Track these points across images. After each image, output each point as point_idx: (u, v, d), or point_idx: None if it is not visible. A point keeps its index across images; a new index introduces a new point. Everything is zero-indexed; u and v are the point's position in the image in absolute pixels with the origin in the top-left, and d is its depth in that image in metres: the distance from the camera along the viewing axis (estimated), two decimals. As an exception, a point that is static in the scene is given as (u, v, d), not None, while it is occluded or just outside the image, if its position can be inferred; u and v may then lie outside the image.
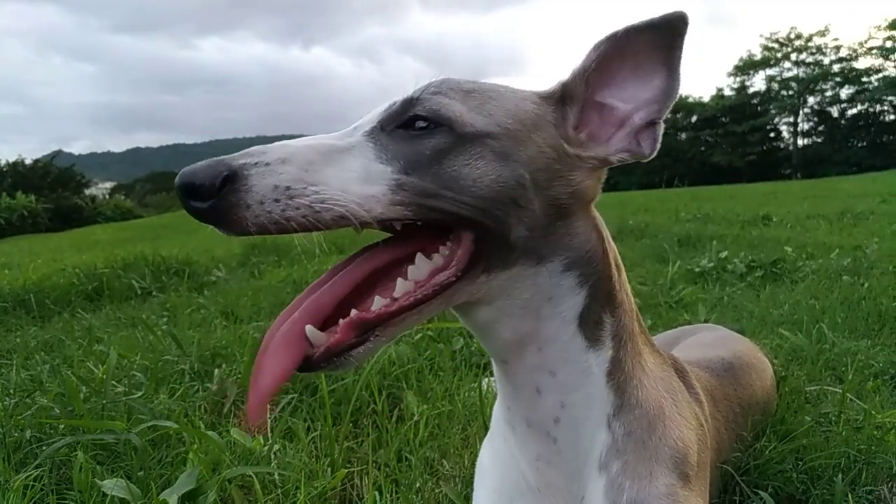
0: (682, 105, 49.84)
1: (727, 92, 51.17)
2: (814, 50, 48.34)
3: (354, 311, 0.66)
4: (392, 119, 0.71)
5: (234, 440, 1.37)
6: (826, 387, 1.58)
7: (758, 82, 51.53)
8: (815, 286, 2.81)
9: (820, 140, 49.04)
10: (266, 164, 0.62)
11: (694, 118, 50.42)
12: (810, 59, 48.67)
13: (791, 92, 49.18)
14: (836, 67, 47.25)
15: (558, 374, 0.76)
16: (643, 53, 0.75)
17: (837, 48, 47.24)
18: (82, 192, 42.58)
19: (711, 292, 2.95)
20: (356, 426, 1.57)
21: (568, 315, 0.74)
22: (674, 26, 0.73)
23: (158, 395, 1.72)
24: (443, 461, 1.34)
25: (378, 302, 0.67)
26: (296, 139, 0.70)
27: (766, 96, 50.17)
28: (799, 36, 48.64)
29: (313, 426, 1.54)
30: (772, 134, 50.60)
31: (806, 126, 49.96)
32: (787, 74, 49.40)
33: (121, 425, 1.35)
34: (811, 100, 49.14)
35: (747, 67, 50.68)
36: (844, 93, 47.61)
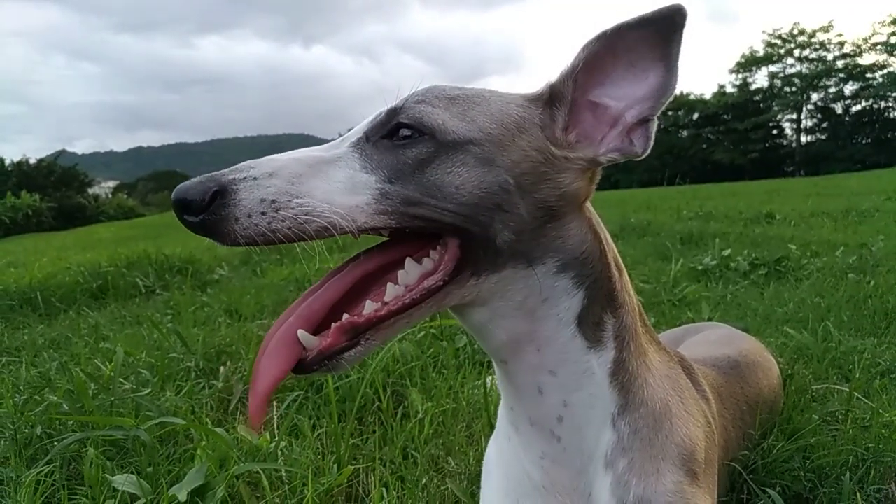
0: (684, 102, 49.64)
1: (729, 89, 50.95)
2: (817, 46, 48.00)
3: (346, 316, 0.68)
4: (377, 129, 0.72)
5: (241, 437, 1.38)
6: (832, 385, 1.58)
7: (760, 79, 51.23)
8: (821, 284, 2.80)
9: (824, 137, 48.71)
10: (254, 179, 0.64)
11: (695, 115, 50.18)
12: (814, 56, 48.32)
13: (794, 88, 48.84)
14: (840, 63, 46.89)
15: (559, 374, 0.76)
16: (637, 50, 0.72)
17: (841, 44, 46.90)
18: (85, 191, 42.76)
19: (715, 290, 2.94)
20: (361, 423, 1.58)
21: (565, 316, 0.74)
22: (671, 20, 0.70)
23: (165, 393, 1.73)
24: (448, 458, 1.35)
25: (369, 306, 0.69)
26: (285, 152, 0.72)
27: (769, 93, 49.87)
28: (802, 32, 48.30)
29: (319, 423, 1.54)
30: (774, 131, 50.30)
31: (809, 123, 49.77)
32: (790, 71, 49.09)
33: (130, 422, 1.37)
34: (815, 96, 48.80)
35: (749, 64, 50.34)
36: (848, 89, 47.29)
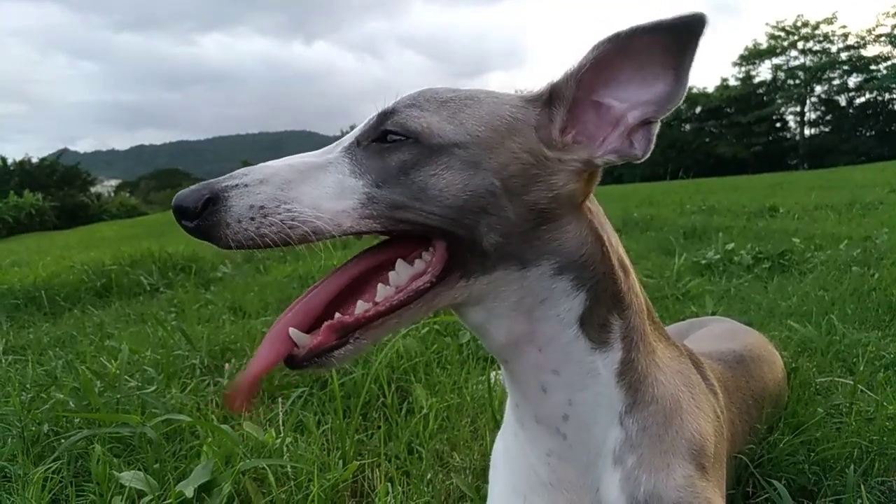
0: (687, 96, 48.78)
1: (732, 82, 50.44)
2: (821, 38, 47.53)
3: (337, 315, 0.70)
4: (368, 133, 0.72)
5: (247, 433, 1.39)
6: (837, 378, 1.58)
7: (763, 72, 50.72)
8: (824, 277, 2.79)
9: (827, 130, 48.32)
10: (245, 186, 0.67)
11: (698, 109, 49.80)
12: (817, 48, 47.86)
13: (798, 81, 48.43)
14: (844, 55, 46.48)
15: (562, 374, 0.75)
16: (649, 55, 0.69)
17: (845, 36, 46.46)
18: (88, 190, 42.87)
19: (718, 284, 2.94)
20: (366, 419, 1.58)
21: (566, 317, 0.74)
22: (689, 29, 0.67)
23: (170, 390, 1.74)
24: (453, 453, 1.35)
25: (360, 306, 0.70)
26: (281, 158, 0.73)
27: (772, 86, 49.43)
28: (805, 24, 47.82)
29: (324, 419, 1.55)
30: (778, 124, 49.95)
31: (813, 115, 49.31)
32: (794, 63, 48.62)
33: (136, 419, 1.37)
34: (818, 89, 48.42)
35: (753, 57, 49.93)
36: (852, 81, 46.86)
